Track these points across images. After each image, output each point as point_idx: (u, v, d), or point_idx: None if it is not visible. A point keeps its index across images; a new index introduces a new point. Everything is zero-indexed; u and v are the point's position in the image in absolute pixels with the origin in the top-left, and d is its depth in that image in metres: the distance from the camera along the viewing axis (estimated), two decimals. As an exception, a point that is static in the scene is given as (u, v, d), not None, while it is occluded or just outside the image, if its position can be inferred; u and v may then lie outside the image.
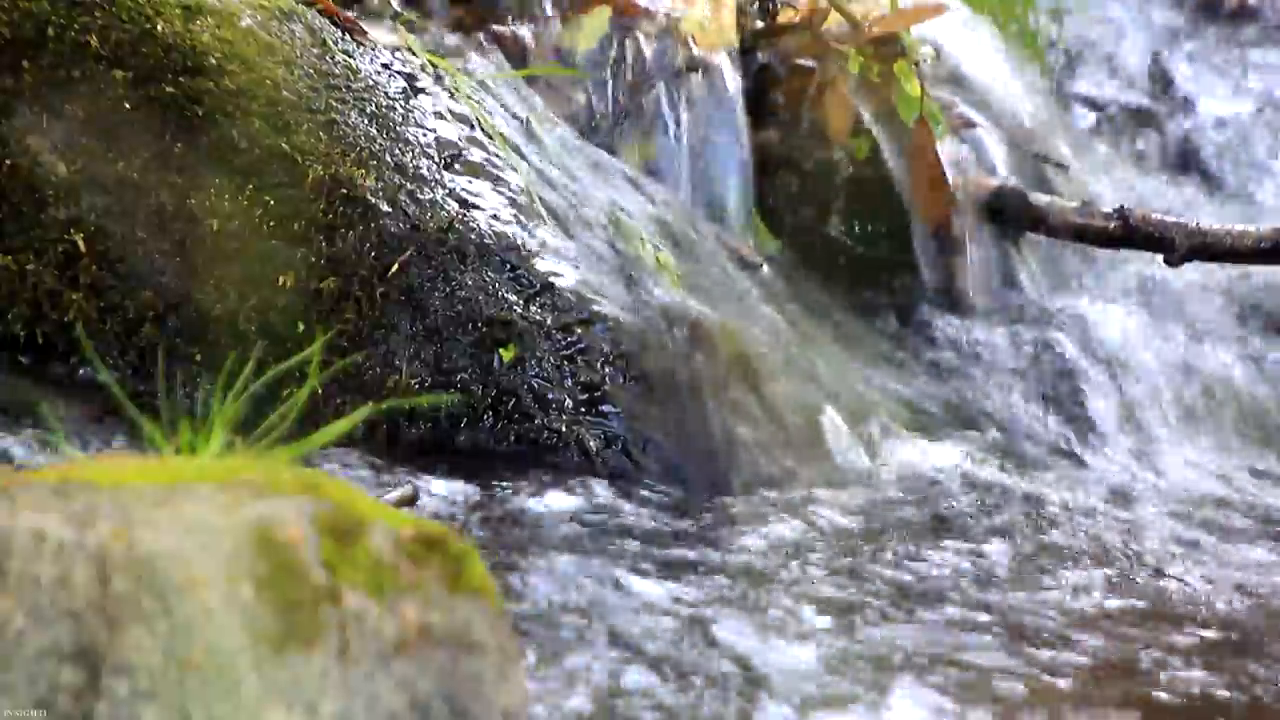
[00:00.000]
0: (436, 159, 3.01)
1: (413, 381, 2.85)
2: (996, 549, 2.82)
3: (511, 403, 2.88)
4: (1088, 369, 3.76)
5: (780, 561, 2.63)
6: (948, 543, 2.82)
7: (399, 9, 3.41)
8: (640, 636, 2.25)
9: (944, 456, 3.25)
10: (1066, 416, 3.64)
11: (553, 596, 2.37)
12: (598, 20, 3.63)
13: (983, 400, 3.62)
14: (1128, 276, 4.12)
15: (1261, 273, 4.06)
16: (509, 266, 2.95)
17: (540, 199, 3.08)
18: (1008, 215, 3.96)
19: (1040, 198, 3.97)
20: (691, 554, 2.61)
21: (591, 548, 2.57)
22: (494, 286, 2.92)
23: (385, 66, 3.08)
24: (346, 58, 3.02)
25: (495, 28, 3.59)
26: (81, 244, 2.78)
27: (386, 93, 3.03)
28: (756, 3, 3.93)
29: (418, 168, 2.97)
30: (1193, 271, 3.98)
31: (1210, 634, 2.55)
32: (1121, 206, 3.86)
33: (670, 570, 2.52)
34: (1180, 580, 2.78)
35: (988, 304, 3.90)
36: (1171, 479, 3.53)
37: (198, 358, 2.80)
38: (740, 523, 2.76)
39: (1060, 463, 3.44)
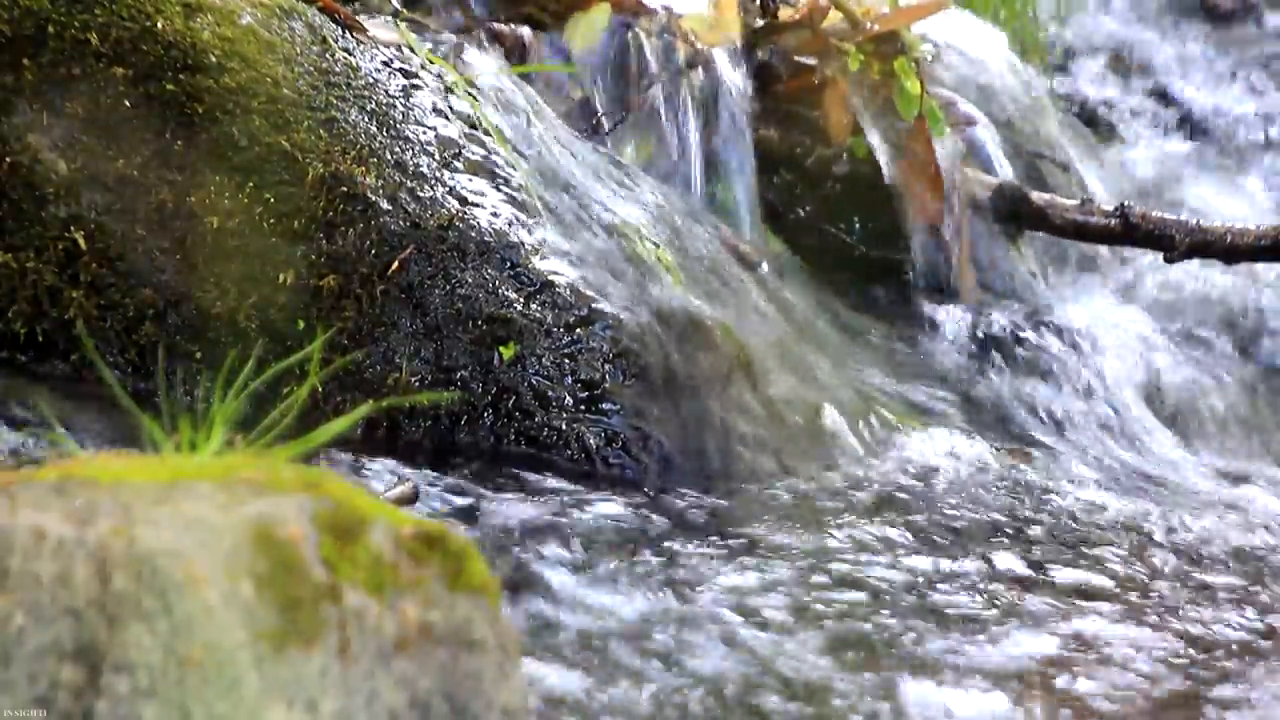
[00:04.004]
0: (436, 157, 3.01)
1: (413, 379, 2.85)
2: (995, 543, 2.82)
3: (511, 400, 2.88)
4: (1087, 365, 3.76)
5: (780, 558, 2.62)
6: (946, 537, 2.82)
7: (399, 6, 3.41)
8: (638, 632, 2.25)
9: (944, 452, 3.25)
10: (1066, 412, 3.64)
11: (552, 594, 2.37)
12: (598, 17, 3.63)
13: (983, 396, 3.62)
14: (1127, 273, 4.12)
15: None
16: (509, 264, 2.95)
17: (540, 197, 3.08)
18: (1008, 213, 3.96)
19: (1040, 195, 3.98)
20: (692, 552, 2.61)
21: (591, 545, 2.57)
22: (494, 284, 2.92)
23: (385, 64, 3.07)
24: (346, 55, 3.02)
25: (494, 25, 3.59)
26: (82, 241, 2.78)
27: (386, 90, 3.03)
28: (757, 0, 3.93)
29: (417, 165, 2.97)
30: (1193, 268, 3.98)
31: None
32: (1122, 204, 3.86)
33: (670, 568, 2.52)
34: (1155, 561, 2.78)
35: (987, 301, 3.90)
36: (1165, 473, 3.53)
37: (198, 355, 2.80)
38: (740, 520, 2.76)
39: (1059, 457, 3.44)
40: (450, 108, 3.10)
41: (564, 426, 2.88)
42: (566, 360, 2.91)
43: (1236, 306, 4.11)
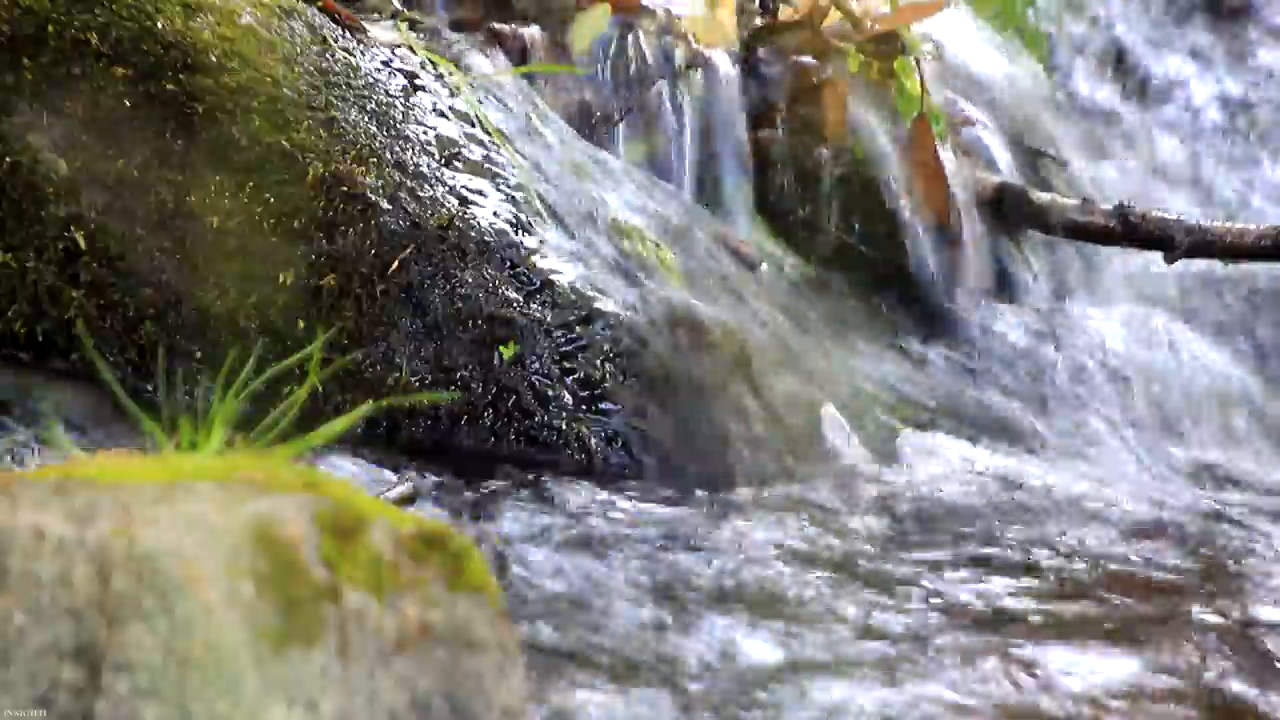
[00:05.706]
0: (436, 156, 3.01)
1: (413, 379, 2.85)
2: (994, 543, 2.82)
3: (512, 400, 2.88)
4: (1087, 365, 3.76)
5: (779, 558, 2.63)
6: (945, 537, 2.82)
7: (399, 6, 3.41)
8: (638, 632, 2.25)
9: (943, 452, 3.25)
10: (1065, 411, 3.64)
11: (552, 594, 2.37)
12: (598, 18, 3.63)
13: (982, 396, 3.62)
14: (1128, 273, 4.12)
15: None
16: (509, 264, 2.95)
17: (540, 196, 3.08)
18: (1008, 213, 3.97)
19: (1041, 195, 3.98)
20: (691, 552, 2.61)
21: (590, 545, 2.57)
22: (494, 284, 2.92)
23: (385, 64, 3.08)
24: (347, 55, 3.02)
25: (495, 25, 3.59)
26: (82, 241, 2.78)
27: (386, 90, 3.03)
28: (757, 0, 3.93)
29: (418, 165, 2.97)
30: (1194, 268, 3.98)
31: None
32: (1122, 204, 3.87)
33: (671, 567, 2.53)
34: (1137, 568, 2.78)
35: (987, 300, 3.90)
36: (1163, 473, 3.53)
37: (198, 355, 2.80)
38: (739, 520, 2.77)
39: (1060, 457, 3.44)
40: (450, 107, 3.10)
41: (564, 426, 2.88)
42: (567, 360, 2.91)
43: (1251, 302, 4.10)
